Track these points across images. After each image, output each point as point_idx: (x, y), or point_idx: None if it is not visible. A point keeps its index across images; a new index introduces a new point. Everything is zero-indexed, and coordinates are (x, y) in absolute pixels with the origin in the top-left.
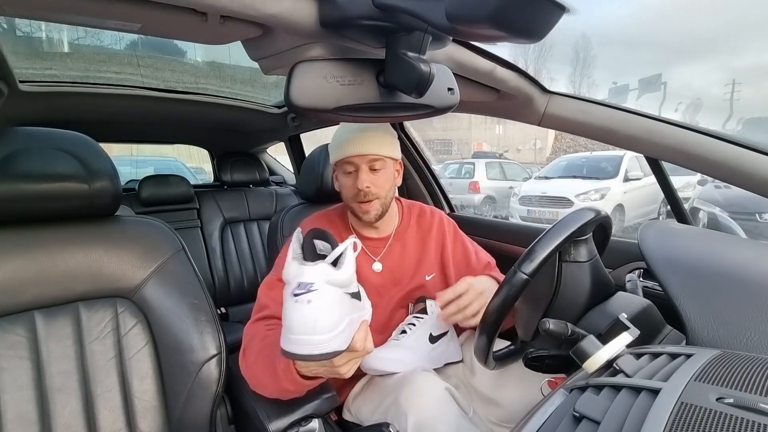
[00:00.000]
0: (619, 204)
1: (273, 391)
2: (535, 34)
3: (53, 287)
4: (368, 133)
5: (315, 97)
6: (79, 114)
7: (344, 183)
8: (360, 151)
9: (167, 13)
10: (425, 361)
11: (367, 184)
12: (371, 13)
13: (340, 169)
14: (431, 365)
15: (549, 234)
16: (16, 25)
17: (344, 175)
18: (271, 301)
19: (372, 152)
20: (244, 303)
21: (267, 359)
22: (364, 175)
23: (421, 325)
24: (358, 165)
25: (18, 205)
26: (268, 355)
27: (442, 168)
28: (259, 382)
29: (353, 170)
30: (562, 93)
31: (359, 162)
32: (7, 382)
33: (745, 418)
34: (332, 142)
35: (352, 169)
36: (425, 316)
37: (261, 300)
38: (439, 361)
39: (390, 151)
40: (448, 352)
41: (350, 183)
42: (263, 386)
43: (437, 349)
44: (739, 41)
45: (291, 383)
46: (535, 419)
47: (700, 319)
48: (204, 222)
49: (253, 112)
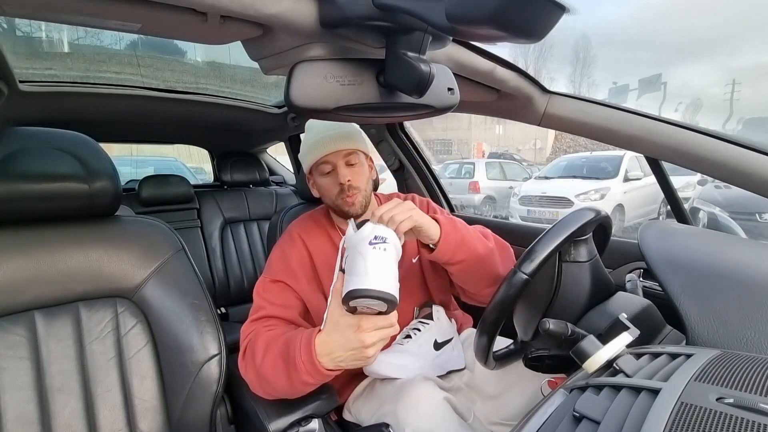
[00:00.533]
0: (619, 204)
1: (283, 389)
2: (535, 34)
3: (53, 287)
4: (337, 131)
5: (315, 97)
6: (79, 114)
7: (324, 183)
8: (333, 148)
9: (167, 13)
10: (429, 368)
11: (348, 177)
12: (371, 13)
13: (317, 171)
14: (435, 372)
15: (549, 234)
16: (16, 25)
17: (323, 176)
18: (267, 302)
19: (346, 147)
20: (244, 303)
21: (279, 356)
22: (343, 170)
23: (427, 330)
24: (334, 163)
25: (18, 205)
26: (281, 352)
27: (442, 168)
28: (264, 382)
29: (331, 169)
30: (562, 93)
31: (335, 159)
32: (7, 382)
33: (745, 418)
34: (303, 150)
35: (330, 168)
36: (431, 321)
37: (255, 301)
38: (443, 368)
39: (362, 145)
40: (452, 359)
41: (330, 182)
42: (270, 385)
43: (442, 356)
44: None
45: (312, 374)
46: (535, 419)
47: (700, 319)
48: (204, 222)
49: (253, 112)
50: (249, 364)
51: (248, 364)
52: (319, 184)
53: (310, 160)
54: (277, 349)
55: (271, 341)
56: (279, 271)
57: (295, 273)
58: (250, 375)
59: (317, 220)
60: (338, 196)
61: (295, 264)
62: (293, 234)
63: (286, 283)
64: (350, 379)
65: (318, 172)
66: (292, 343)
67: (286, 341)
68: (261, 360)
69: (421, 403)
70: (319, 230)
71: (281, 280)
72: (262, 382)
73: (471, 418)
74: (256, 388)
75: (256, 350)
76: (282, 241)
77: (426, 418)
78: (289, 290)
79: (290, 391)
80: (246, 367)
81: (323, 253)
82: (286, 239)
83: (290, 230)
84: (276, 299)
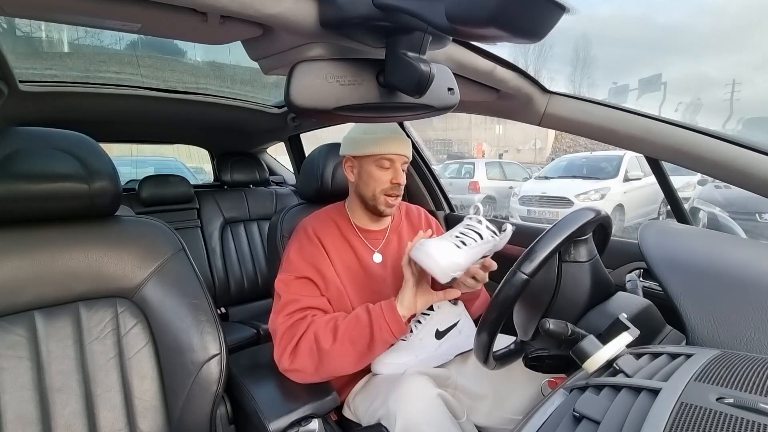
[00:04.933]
0: (619, 204)
1: (350, 364)
2: (535, 34)
3: (53, 287)
4: (402, 137)
5: (315, 97)
6: (79, 114)
7: (378, 176)
8: (400, 152)
9: (167, 13)
10: (432, 360)
11: (403, 180)
12: (371, 13)
13: (372, 162)
14: (439, 362)
15: (549, 234)
16: (16, 25)
17: (380, 169)
18: (298, 295)
19: (407, 154)
20: (244, 303)
21: (353, 330)
22: (401, 172)
23: (428, 322)
24: (395, 162)
25: (18, 205)
26: (346, 328)
27: (442, 168)
28: (326, 365)
29: (390, 166)
30: (562, 93)
31: (397, 160)
32: (7, 382)
33: (745, 418)
34: (364, 136)
35: (389, 164)
36: (431, 312)
37: (285, 297)
38: (448, 355)
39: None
40: (460, 343)
41: (386, 176)
42: (333, 364)
43: (444, 344)
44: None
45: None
46: (535, 419)
47: (700, 319)
48: (204, 222)
49: (253, 112)
50: (303, 354)
51: (301, 355)
52: (371, 173)
53: (372, 149)
54: (348, 327)
55: (334, 325)
56: (301, 269)
57: (318, 270)
58: (302, 365)
59: (332, 218)
60: (382, 192)
61: (317, 261)
62: (309, 232)
63: (309, 278)
64: (350, 378)
65: (375, 163)
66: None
67: (356, 316)
68: (330, 344)
69: (413, 396)
70: (333, 229)
71: (305, 276)
72: (323, 366)
73: (464, 417)
74: (307, 375)
75: (321, 337)
76: (299, 239)
77: (417, 411)
78: (313, 285)
79: (357, 364)
80: (295, 358)
81: (338, 252)
82: (303, 236)
83: (305, 228)
84: (305, 292)
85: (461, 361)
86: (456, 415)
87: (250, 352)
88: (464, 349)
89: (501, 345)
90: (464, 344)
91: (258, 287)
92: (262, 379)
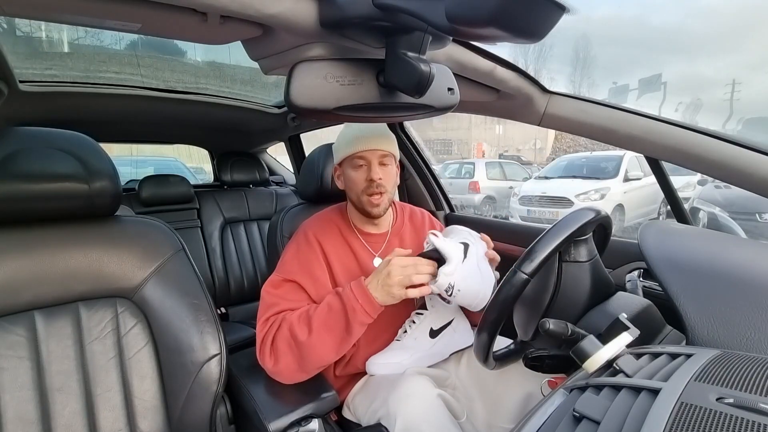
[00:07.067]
0: (619, 204)
1: (329, 354)
2: (535, 34)
3: (53, 287)
4: (377, 132)
5: (315, 97)
6: (79, 114)
7: (354, 177)
8: (372, 147)
9: (167, 13)
10: (426, 358)
11: (379, 175)
12: (371, 13)
13: (349, 164)
14: (433, 360)
15: (549, 234)
16: (16, 25)
17: (354, 169)
18: (280, 299)
19: (383, 148)
20: (244, 303)
21: (328, 317)
22: (376, 168)
23: (422, 321)
24: (369, 159)
25: (18, 205)
26: (326, 314)
27: (442, 168)
28: (306, 359)
29: (364, 164)
30: (562, 93)
31: (370, 157)
32: (7, 382)
33: (745, 418)
34: (339, 141)
35: (363, 163)
36: (425, 311)
37: (267, 300)
38: (443, 354)
39: (395, 150)
40: (454, 341)
41: (361, 176)
42: (314, 357)
43: (439, 343)
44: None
45: (365, 306)
46: (535, 419)
47: (700, 319)
48: (204, 222)
49: (253, 112)
50: (283, 352)
51: (281, 353)
52: (349, 176)
53: (345, 152)
54: (321, 316)
55: (307, 316)
56: (293, 271)
57: (311, 275)
58: (285, 362)
59: (332, 219)
60: (364, 192)
61: (312, 266)
62: (309, 235)
63: (298, 283)
64: (350, 378)
65: (350, 165)
66: (339, 298)
67: (328, 305)
68: (307, 336)
69: (413, 396)
70: (334, 232)
71: (294, 280)
72: (304, 359)
73: (464, 417)
74: (293, 372)
75: (297, 330)
76: (297, 241)
77: (417, 412)
78: (301, 290)
79: (338, 350)
80: (277, 357)
81: (338, 256)
82: (302, 240)
83: (305, 230)
84: (289, 296)
85: (457, 362)
86: (456, 416)
87: (250, 352)
88: (459, 348)
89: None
90: (459, 342)
91: (258, 287)
92: (262, 379)
